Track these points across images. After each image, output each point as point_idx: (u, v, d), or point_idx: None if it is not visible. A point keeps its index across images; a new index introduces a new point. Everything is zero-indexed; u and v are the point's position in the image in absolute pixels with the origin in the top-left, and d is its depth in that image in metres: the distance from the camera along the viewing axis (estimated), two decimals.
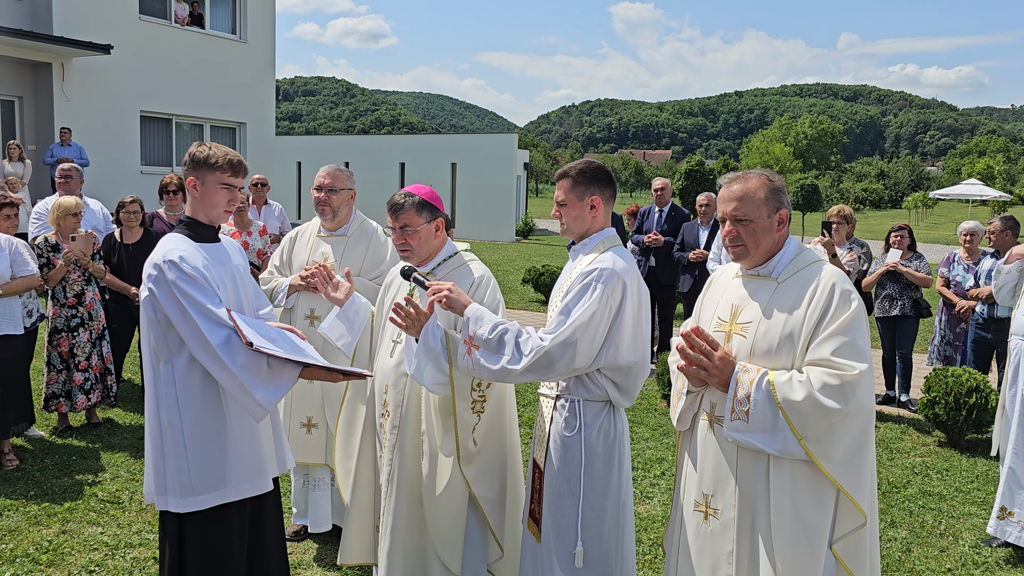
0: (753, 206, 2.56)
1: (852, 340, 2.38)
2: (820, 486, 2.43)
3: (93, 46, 15.20)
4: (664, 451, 6.17)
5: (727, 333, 2.59)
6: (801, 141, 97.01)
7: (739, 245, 2.60)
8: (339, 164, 4.39)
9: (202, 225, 2.97)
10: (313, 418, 4.30)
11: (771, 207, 2.57)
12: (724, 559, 2.55)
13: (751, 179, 2.59)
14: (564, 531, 2.91)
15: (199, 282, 2.76)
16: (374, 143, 32.21)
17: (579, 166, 3.00)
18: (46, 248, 5.96)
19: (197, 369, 2.79)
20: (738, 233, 2.58)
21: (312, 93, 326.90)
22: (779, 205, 2.58)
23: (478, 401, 3.09)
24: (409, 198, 3.18)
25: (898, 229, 7.69)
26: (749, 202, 2.56)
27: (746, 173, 2.63)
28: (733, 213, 2.58)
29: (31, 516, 4.66)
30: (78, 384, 6.08)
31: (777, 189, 2.59)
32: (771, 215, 2.57)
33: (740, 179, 2.61)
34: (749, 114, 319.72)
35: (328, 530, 4.44)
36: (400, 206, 3.17)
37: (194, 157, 2.91)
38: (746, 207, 2.56)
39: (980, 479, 5.84)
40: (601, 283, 2.80)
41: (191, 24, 18.14)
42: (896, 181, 73.72)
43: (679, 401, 2.70)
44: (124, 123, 16.78)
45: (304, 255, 4.40)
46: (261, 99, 19.84)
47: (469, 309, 2.92)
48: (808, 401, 2.34)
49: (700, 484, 2.63)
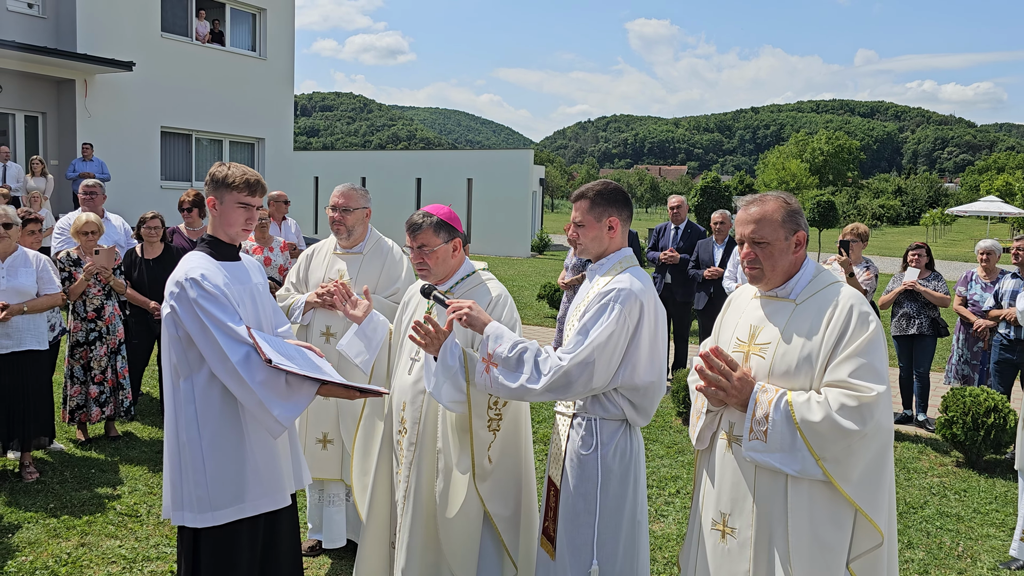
0: (770, 228, 2.58)
1: (870, 362, 2.39)
2: (838, 506, 2.43)
3: (115, 63, 15.45)
4: (679, 469, 6.15)
5: (745, 354, 2.61)
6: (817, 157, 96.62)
7: (756, 268, 2.62)
8: (356, 180, 4.43)
9: (223, 244, 3.03)
10: (328, 434, 4.33)
11: (788, 229, 2.59)
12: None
13: (768, 201, 2.62)
14: (579, 549, 2.92)
15: (220, 300, 2.81)
16: (391, 158, 32.42)
17: (597, 187, 3.03)
18: (68, 263, 6.05)
19: (216, 385, 2.83)
20: (756, 255, 2.60)
21: (330, 108, 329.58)
22: (796, 227, 2.60)
23: (494, 419, 3.11)
24: (427, 218, 3.22)
25: (916, 248, 7.66)
26: (766, 224, 2.59)
27: (764, 195, 2.66)
28: (751, 235, 2.60)
29: (51, 529, 4.71)
30: (93, 396, 6.15)
31: (794, 211, 2.61)
32: (788, 237, 2.59)
33: (758, 201, 2.63)
34: (765, 130, 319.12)
35: (342, 546, 4.46)
36: (418, 226, 3.21)
37: (213, 177, 2.99)
38: (763, 229, 2.59)
39: (999, 500, 5.78)
40: (619, 303, 2.82)
41: (212, 41, 18.41)
42: (914, 197, 73.22)
43: (698, 420, 2.72)
44: (145, 139, 17.03)
45: (320, 272, 4.44)
46: (280, 115, 20.06)
47: (489, 327, 2.94)
48: (826, 422, 2.35)
49: (718, 503, 2.64)
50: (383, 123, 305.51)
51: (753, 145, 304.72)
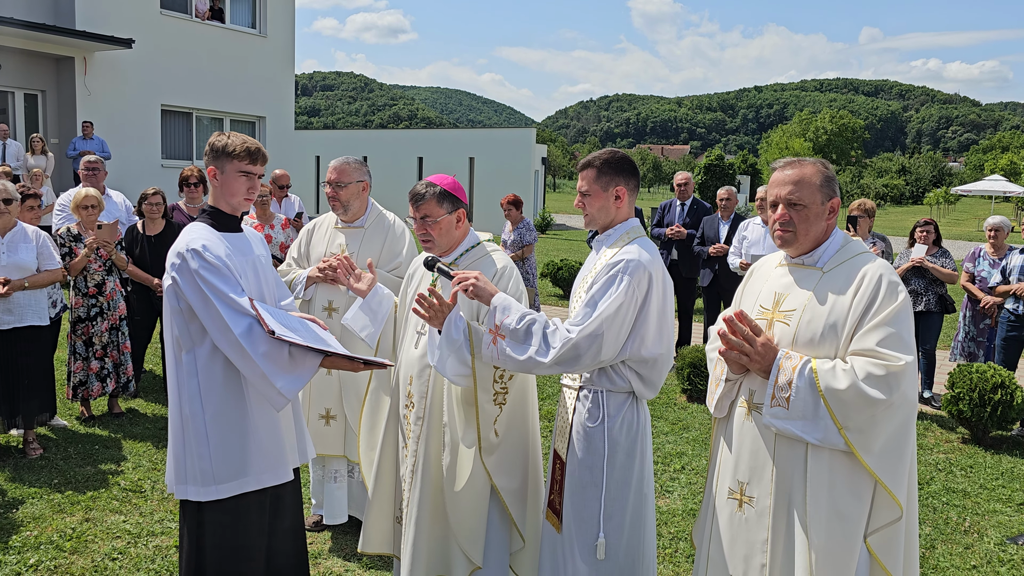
0: (809, 191, 2.53)
1: (898, 331, 2.35)
2: (858, 477, 2.40)
3: (115, 40, 15.32)
4: (684, 445, 6.14)
5: (769, 321, 2.57)
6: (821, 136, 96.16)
7: (789, 231, 2.56)
8: (353, 156, 4.34)
9: (224, 215, 2.98)
10: (331, 410, 4.31)
11: (825, 194, 2.55)
12: (758, 547, 2.53)
13: (807, 165, 2.57)
14: (586, 522, 2.89)
15: (222, 271, 2.77)
16: (392, 138, 32.28)
17: (604, 156, 2.97)
18: (68, 238, 6.01)
19: (219, 358, 2.80)
20: (790, 218, 2.55)
21: (331, 88, 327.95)
22: (832, 193, 2.56)
23: (500, 393, 3.07)
24: (430, 188, 3.16)
25: (924, 224, 7.61)
26: (805, 187, 2.53)
27: (801, 159, 2.60)
28: (788, 197, 2.54)
29: (55, 504, 4.70)
30: (95, 372, 6.14)
31: (831, 177, 2.57)
32: (824, 202, 2.55)
33: (796, 164, 2.58)
34: (768, 109, 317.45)
35: (344, 522, 4.45)
36: (421, 196, 3.15)
37: (213, 146, 2.93)
38: (802, 191, 2.53)
39: (1005, 476, 5.77)
40: (627, 275, 2.77)
41: (211, 18, 18.24)
42: (917, 177, 72.91)
43: (717, 388, 2.68)
44: (145, 117, 16.92)
45: (321, 247, 4.39)
46: (280, 93, 19.92)
47: (496, 298, 2.90)
48: (852, 390, 2.31)
49: (735, 472, 2.61)
50: (384, 103, 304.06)
51: (756, 124, 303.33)
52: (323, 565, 4.15)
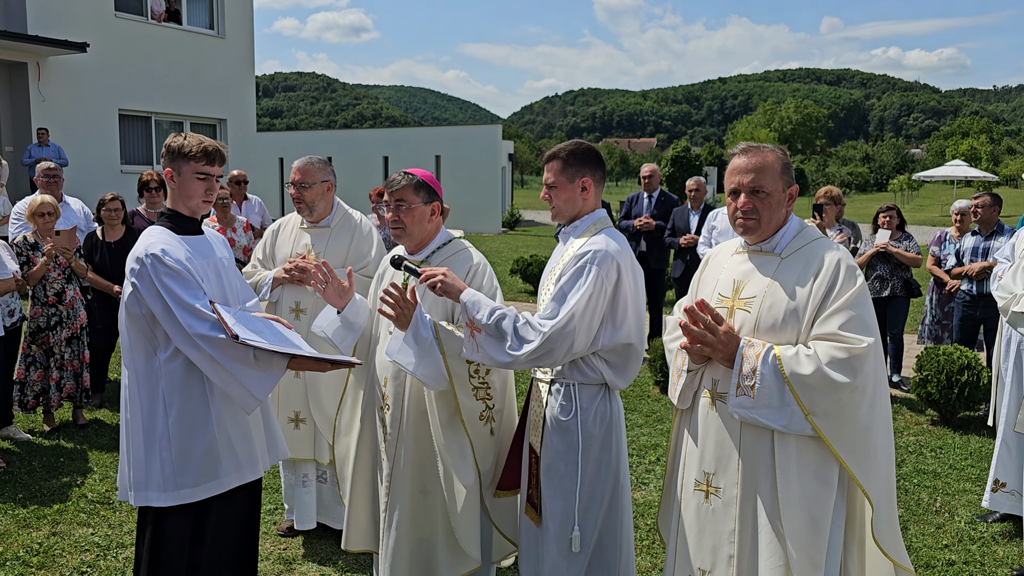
0: (771, 178, 2.51)
1: (860, 314, 2.35)
2: (826, 462, 2.39)
3: (69, 44, 15.00)
4: (659, 437, 6.14)
5: (730, 309, 2.55)
6: (786, 126, 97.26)
7: (752, 219, 2.53)
8: (317, 156, 4.25)
9: (183, 217, 2.93)
10: (300, 413, 4.24)
11: (785, 181, 2.54)
12: (726, 538, 2.52)
13: (767, 152, 2.54)
14: (562, 516, 2.87)
15: (182, 275, 2.72)
16: (356, 137, 32.01)
17: (569, 147, 2.94)
18: (25, 247, 5.86)
19: (181, 361, 2.75)
20: (753, 206, 2.52)
21: (292, 89, 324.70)
22: (791, 180, 2.56)
23: (479, 388, 3.04)
24: (407, 176, 3.13)
25: (887, 210, 7.68)
26: (767, 174, 2.51)
27: (760, 145, 2.57)
28: (751, 184, 2.51)
29: (20, 519, 4.58)
30: (55, 381, 6.00)
31: (788, 164, 2.56)
32: (785, 189, 2.54)
33: (756, 151, 2.54)
34: (733, 100, 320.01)
35: (312, 528, 4.36)
36: (397, 182, 3.11)
37: (169, 147, 2.88)
38: (764, 179, 2.50)
39: (973, 456, 5.85)
40: (595, 265, 2.75)
41: (167, 20, 17.93)
42: (881, 164, 73.92)
43: (679, 379, 2.66)
44: (103, 122, 16.59)
45: (287, 247, 4.32)
46: (241, 95, 19.64)
47: (465, 294, 2.85)
48: (817, 375, 2.31)
49: (701, 463, 2.59)
50: (348, 102, 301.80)
51: (721, 116, 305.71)
52: (298, 571, 4.08)
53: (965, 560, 4.27)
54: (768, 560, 2.42)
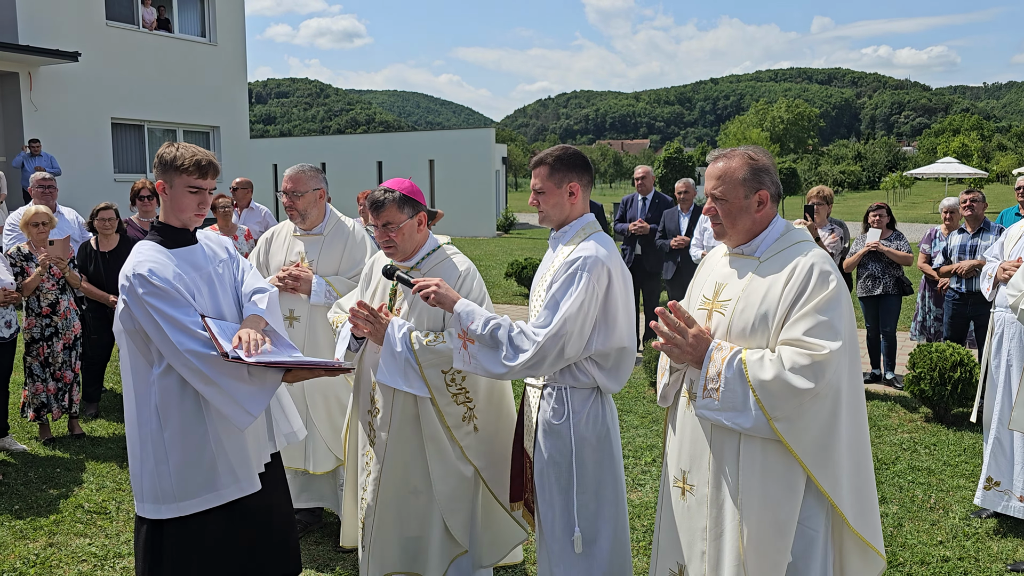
0: (731, 186, 2.53)
1: (828, 320, 2.34)
2: (792, 466, 2.39)
3: (60, 54, 14.98)
4: (654, 438, 6.16)
5: (709, 311, 2.58)
6: (778, 126, 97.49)
7: (718, 223, 2.59)
8: (310, 164, 4.27)
9: (174, 229, 2.89)
10: None
11: (749, 188, 2.52)
12: (699, 535, 2.56)
13: (733, 158, 2.55)
14: (559, 519, 2.90)
15: (170, 295, 2.70)
16: (350, 143, 32.00)
17: (556, 152, 2.96)
18: (19, 258, 5.85)
19: (176, 376, 2.75)
20: (716, 211, 2.57)
21: (286, 95, 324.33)
22: (759, 186, 2.53)
23: (459, 393, 3.08)
24: (389, 194, 3.12)
25: (876, 209, 7.71)
26: (727, 181, 2.54)
27: (732, 151, 2.59)
28: (711, 191, 2.57)
29: (16, 530, 4.58)
30: (53, 393, 6.00)
31: (759, 169, 2.53)
32: (749, 196, 2.53)
33: (723, 157, 2.57)
34: (725, 100, 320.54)
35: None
36: (380, 203, 3.11)
37: (162, 158, 2.84)
38: (724, 186, 2.54)
39: (967, 452, 5.88)
40: (586, 271, 2.77)
41: (159, 28, 17.92)
42: (873, 162, 74.03)
43: (663, 378, 2.71)
44: (95, 131, 16.56)
45: (281, 255, 4.33)
46: (234, 102, 19.62)
47: (459, 305, 2.88)
48: (777, 381, 2.31)
49: (679, 460, 2.63)
50: (341, 108, 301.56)
51: (714, 116, 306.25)
52: None
53: (960, 556, 4.30)
54: (730, 558, 2.45)
